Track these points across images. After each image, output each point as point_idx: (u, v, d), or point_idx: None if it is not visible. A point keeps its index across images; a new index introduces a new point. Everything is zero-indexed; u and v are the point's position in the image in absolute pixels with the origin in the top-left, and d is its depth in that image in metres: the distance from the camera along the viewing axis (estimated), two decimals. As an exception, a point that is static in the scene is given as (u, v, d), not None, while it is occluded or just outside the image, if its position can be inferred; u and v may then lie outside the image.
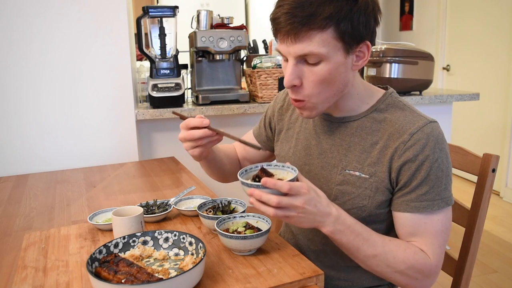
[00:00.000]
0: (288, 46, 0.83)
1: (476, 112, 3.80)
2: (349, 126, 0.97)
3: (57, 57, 1.78)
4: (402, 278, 0.88)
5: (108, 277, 0.76)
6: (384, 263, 0.86)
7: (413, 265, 0.86)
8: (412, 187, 0.88)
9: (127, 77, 1.88)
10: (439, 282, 2.23)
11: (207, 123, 0.93)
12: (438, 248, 0.88)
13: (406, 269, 0.86)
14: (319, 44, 0.81)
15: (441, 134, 0.89)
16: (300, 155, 1.05)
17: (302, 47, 0.82)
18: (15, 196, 1.44)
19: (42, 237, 1.04)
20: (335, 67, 0.85)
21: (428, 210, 0.87)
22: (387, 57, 2.27)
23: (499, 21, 3.48)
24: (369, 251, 0.85)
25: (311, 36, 0.81)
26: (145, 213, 1.11)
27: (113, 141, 1.90)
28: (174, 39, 2.06)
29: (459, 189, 3.65)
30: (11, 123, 1.76)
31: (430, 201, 0.87)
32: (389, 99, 0.96)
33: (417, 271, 0.87)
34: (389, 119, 0.93)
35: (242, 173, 0.88)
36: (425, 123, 0.89)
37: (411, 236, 0.89)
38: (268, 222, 0.95)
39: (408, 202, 0.88)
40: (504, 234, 2.85)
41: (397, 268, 0.86)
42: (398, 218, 0.91)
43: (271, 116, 1.17)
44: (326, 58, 0.83)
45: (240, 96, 2.16)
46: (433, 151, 0.86)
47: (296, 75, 0.86)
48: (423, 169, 0.86)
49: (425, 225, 0.88)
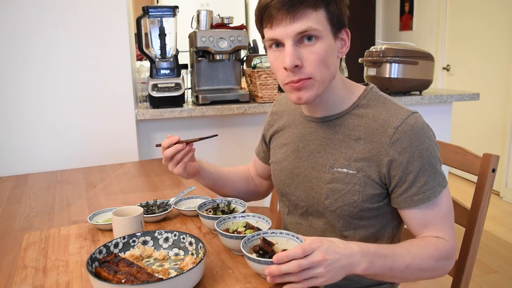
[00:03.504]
0: (286, 27, 0.86)
1: (476, 112, 3.80)
2: (333, 124, 0.99)
3: (57, 57, 1.78)
4: (433, 273, 0.89)
5: (108, 277, 0.76)
6: (416, 268, 0.86)
7: (439, 257, 0.88)
8: (410, 181, 0.89)
9: (127, 77, 1.88)
10: (439, 282, 2.23)
11: (176, 139, 1.01)
12: (450, 229, 0.91)
13: (435, 264, 0.88)
14: (315, 22, 0.86)
15: (425, 123, 0.92)
16: (290, 159, 1.07)
17: (301, 24, 0.85)
18: (15, 196, 1.44)
19: (42, 237, 1.04)
20: (329, 47, 0.89)
21: (432, 198, 0.89)
22: (387, 57, 2.27)
23: (499, 21, 3.48)
24: (401, 265, 0.85)
25: (307, 14, 0.86)
26: (145, 213, 1.11)
27: (113, 141, 1.90)
28: (174, 39, 2.06)
29: (459, 189, 3.65)
30: (11, 122, 1.76)
31: (431, 189, 0.89)
32: (369, 94, 0.98)
33: (443, 259, 0.89)
34: (371, 114, 0.95)
35: (243, 245, 0.83)
36: (408, 115, 0.91)
37: (423, 227, 0.91)
38: (268, 222, 0.95)
39: (411, 197, 0.90)
40: (504, 234, 2.85)
41: (428, 267, 0.87)
42: (407, 214, 0.92)
43: (266, 130, 1.20)
44: (321, 36, 0.87)
45: (240, 96, 2.15)
46: (422, 141, 0.89)
47: (296, 56, 0.87)
48: (416, 160, 0.88)
49: (433, 212, 0.90)
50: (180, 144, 1.01)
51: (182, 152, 1.02)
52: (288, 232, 0.87)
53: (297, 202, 1.05)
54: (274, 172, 1.12)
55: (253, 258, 0.78)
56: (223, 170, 1.21)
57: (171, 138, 1.01)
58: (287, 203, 1.10)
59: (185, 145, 1.02)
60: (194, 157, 1.10)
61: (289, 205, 1.09)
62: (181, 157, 1.02)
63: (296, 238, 0.85)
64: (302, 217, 1.06)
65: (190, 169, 1.08)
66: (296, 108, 1.10)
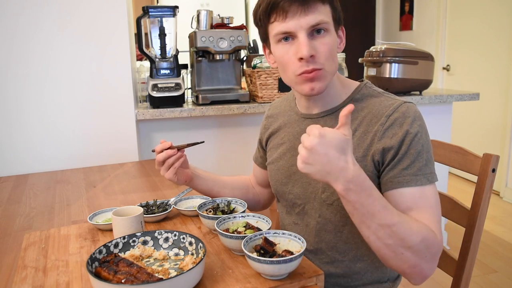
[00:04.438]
0: (299, 19, 0.89)
1: (476, 112, 3.79)
2: (329, 119, 1.00)
3: (57, 57, 1.78)
4: (411, 256, 0.81)
5: (108, 277, 0.76)
6: (398, 235, 0.79)
7: (426, 238, 0.81)
8: (394, 163, 0.89)
9: (127, 77, 1.89)
10: (439, 282, 2.23)
11: (168, 144, 1.05)
12: (438, 224, 0.86)
13: (419, 243, 0.80)
14: (325, 15, 0.91)
15: (418, 112, 0.92)
16: (286, 157, 1.08)
17: (314, 16, 0.89)
18: (15, 196, 1.44)
19: (42, 237, 1.04)
20: (335, 40, 0.94)
21: (412, 185, 0.86)
22: (387, 57, 2.27)
23: (499, 21, 3.48)
24: (386, 220, 0.79)
25: (318, 7, 0.90)
26: (145, 213, 1.11)
27: (113, 141, 1.90)
28: (174, 39, 2.06)
29: (459, 189, 3.65)
30: (11, 122, 1.76)
31: (413, 175, 0.87)
32: (364, 89, 1.00)
33: (427, 247, 0.82)
34: (366, 107, 0.96)
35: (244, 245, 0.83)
36: (400, 104, 0.93)
37: (408, 210, 0.86)
38: (268, 222, 0.95)
39: (391, 178, 0.89)
40: (504, 234, 2.85)
41: (410, 242, 0.80)
42: (389, 198, 0.88)
43: (262, 134, 1.22)
44: (329, 30, 0.92)
45: (240, 96, 2.16)
46: (411, 125, 0.89)
47: (311, 46, 0.90)
48: (404, 144, 0.88)
49: (420, 199, 0.86)
50: (171, 150, 1.04)
51: (173, 158, 1.05)
52: (291, 232, 0.87)
53: (294, 200, 1.06)
54: (271, 172, 1.13)
55: (254, 258, 0.78)
56: (220, 178, 1.22)
57: (164, 144, 1.05)
58: (285, 203, 1.10)
59: (176, 151, 1.05)
60: (187, 164, 1.12)
61: (287, 205, 1.10)
62: (172, 162, 1.06)
63: (298, 239, 0.85)
64: (299, 216, 1.06)
65: (182, 175, 1.10)
66: (291, 109, 1.11)
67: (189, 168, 1.13)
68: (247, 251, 0.80)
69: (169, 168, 1.06)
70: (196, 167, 1.18)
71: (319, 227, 1.01)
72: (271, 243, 0.83)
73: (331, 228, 1.00)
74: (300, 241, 0.84)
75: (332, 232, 1.00)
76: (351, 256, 1.00)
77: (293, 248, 0.84)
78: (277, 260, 0.76)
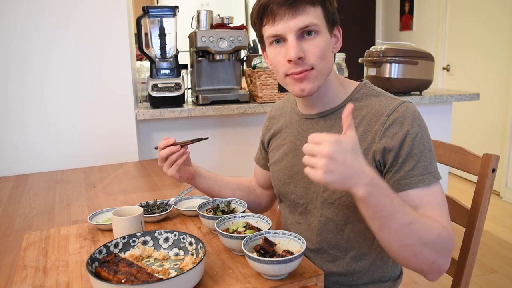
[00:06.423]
0: (288, 22, 0.90)
1: (476, 112, 3.79)
2: (328, 119, 1.01)
3: (57, 57, 1.78)
4: (429, 253, 0.81)
5: (108, 277, 0.76)
6: (416, 232, 0.79)
7: (440, 233, 0.81)
8: (398, 165, 0.89)
9: (127, 77, 1.89)
10: (439, 282, 2.23)
11: (172, 141, 1.05)
12: (446, 218, 0.86)
13: (435, 239, 0.81)
14: (314, 17, 0.91)
15: (417, 112, 0.93)
16: (288, 158, 1.08)
17: (303, 19, 0.90)
18: (15, 196, 1.44)
19: (42, 237, 1.04)
20: (327, 41, 0.94)
21: (420, 185, 0.86)
22: (387, 57, 2.27)
23: (499, 21, 3.48)
24: (405, 218, 0.78)
25: (307, 10, 0.90)
26: (145, 213, 1.11)
27: (113, 141, 1.90)
28: (174, 39, 2.06)
29: (459, 189, 3.65)
30: (11, 122, 1.76)
31: (419, 175, 0.87)
32: (363, 89, 1.01)
33: (443, 242, 0.82)
34: (365, 106, 0.97)
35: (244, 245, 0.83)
36: (400, 104, 0.93)
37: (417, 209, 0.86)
38: (268, 222, 0.95)
39: (398, 181, 0.89)
40: (504, 234, 2.85)
41: (427, 239, 0.80)
42: None
43: (264, 135, 1.22)
44: (320, 31, 0.92)
45: (240, 96, 2.16)
46: (411, 126, 0.90)
47: (299, 48, 0.90)
48: (406, 144, 0.88)
49: (427, 197, 0.87)
50: (175, 146, 1.05)
51: (176, 154, 1.05)
52: (291, 233, 0.87)
53: (297, 200, 1.06)
54: (273, 173, 1.13)
55: (254, 258, 0.78)
56: (222, 178, 1.22)
57: (167, 140, 1.06)
58: (287, 203, 1.11)
59: (180, 147, 1.06)
60: (189, 162, 1.13)
61: (289, 205, 1.10)
62: (175, 159, 1.05)
63: (298, 239, 0.85)
64: (302, 215, 1.06)
65: (184, 172, 1.10)
66: (292, 109, 1.11)
67: (191, 166, 1.14)
68: (247, 251, 0.80)
69: (172, 165, 1.06)
70: (198, 165, 1.18)
71: (321, 226, 1.02)
72: (271, 243, 0.83)
73: (332, 227, 1.00)
74: (300, 241, 0.84)
75: (334, 230, 1.00)
76: (352, 254, 1.00)
77: (293, 248, 0.84)
78: (277, 260, 0.77)
